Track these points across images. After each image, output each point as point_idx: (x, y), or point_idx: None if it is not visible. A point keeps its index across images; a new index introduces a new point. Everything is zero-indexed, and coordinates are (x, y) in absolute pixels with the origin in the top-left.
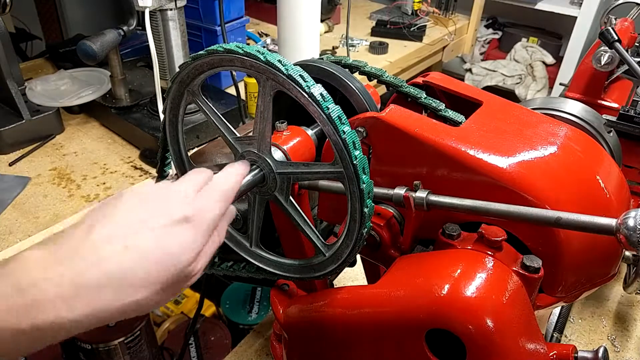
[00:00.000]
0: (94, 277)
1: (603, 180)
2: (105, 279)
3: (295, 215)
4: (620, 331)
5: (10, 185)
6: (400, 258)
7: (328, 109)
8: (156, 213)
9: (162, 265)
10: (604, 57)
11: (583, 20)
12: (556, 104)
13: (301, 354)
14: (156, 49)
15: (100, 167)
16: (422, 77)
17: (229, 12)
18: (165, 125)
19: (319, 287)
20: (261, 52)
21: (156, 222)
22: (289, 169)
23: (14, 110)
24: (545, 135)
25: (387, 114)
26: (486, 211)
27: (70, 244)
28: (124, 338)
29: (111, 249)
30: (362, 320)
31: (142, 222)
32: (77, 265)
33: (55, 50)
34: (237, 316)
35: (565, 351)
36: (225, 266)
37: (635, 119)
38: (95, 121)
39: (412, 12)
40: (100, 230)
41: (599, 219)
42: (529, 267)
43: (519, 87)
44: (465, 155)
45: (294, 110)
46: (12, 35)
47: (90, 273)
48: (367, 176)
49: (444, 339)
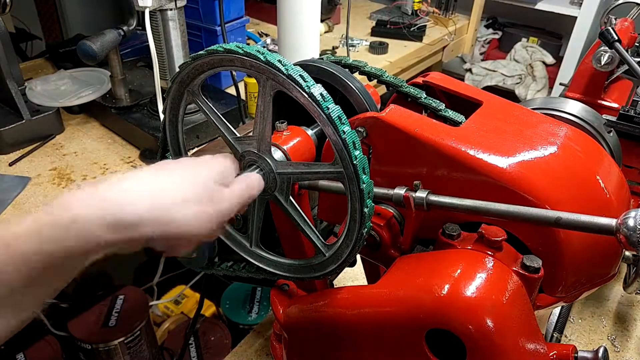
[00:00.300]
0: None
1: (603, 180)
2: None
3: (295, 215)
4: (620, 331)
5: (10, 185)
6: (400, 258)
7: (328, 109)
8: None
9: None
10: (604, 57)
11: (583, 20)
12: (556, 104)
13: (301, 354)
14: (156, 49)
15: (100, 167)
16: (422, 77)
17: (229, 12)
18: (165, 125)
19: (319, 287)
20: (261, 52)
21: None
22: (289, 169)
23: (14, 110)
24: (545, 135)
25: (387, 114)
26: (486, 211)
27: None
28: (124, 338)
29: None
30: (362, 320)
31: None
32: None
33: (55, 50)
34: (237, 316)
35: (565, 351)
36: (225, 266)
37: (635, 119)
38: (95, 121)
39: (412, 12)
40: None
41: (599, 219)
42: (529, 267)
43: (519, 87)
44: (465, 155)
45: (294, 110)
46: (12, 35)
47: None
48: (367, 176)
49: (444, 339)
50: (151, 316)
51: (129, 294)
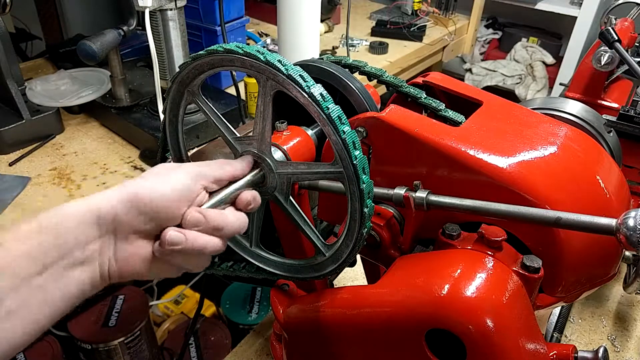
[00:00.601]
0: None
1: (603, 180)
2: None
3: (295, 215)
4: (620, 331)
5: (10, 185)
6: (400, 258)
7: (328, 109)
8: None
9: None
10: (604, 57)
11: (583, 20)
12: (556, 104)
13: (301, 354)
14: (156, 49)
15: (100, 167)
16: (422, 77)
17: (229, 12)
18: (165, 125)
19: (319, 287)
20: (261, 52)
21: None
22: (289, 169)
23: (14, 110)
24: (545, 136)
25: (387, 114)
26: (486, 211)
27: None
28: (124, 338)
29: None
30: (362, 320)
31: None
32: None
33: (55, 50)
34: (237, 316)
35: (565, 351)
36: (225, 266)
37: (635, 119)
38: (95, 121)
39: (412, 12)
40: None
41: (599, 219)
42: (529, 267)
43: (519, 87)
44: (465, 155)
45: (294, 110)
46: (12, 35)
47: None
48: (367, 176)
49: (444, 339)
50: (151, 316)
51: (129, 294)
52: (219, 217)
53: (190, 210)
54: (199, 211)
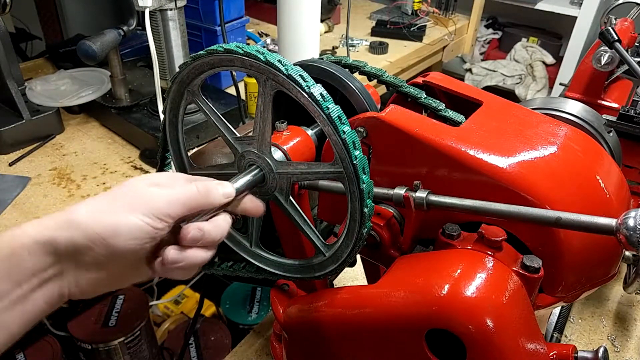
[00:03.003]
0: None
1: (603, 180)
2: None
3: (295, 215)
4: (620, 331)
5: (10, 185)
6: (400, 258)
7: (328, 109)
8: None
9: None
10: (604, 57)
11: (583, 20)
12: (556, 104)
13: (301, 354)
14: (156, 49)
15: (100, 167)
16: (422, 77)
17: (229, 12)
18: (165, 125)
19: (319, 287)
20: (261, 52)
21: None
22: (289, 169)
23: (14, 110)
24: (545, 135)
25: (387, 114)
26: (486, 211)
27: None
28: (124, 338)
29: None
30: (362, 320)
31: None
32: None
33: (55, 50)
34: (237, 316)
35: (565, 351)
36: (225, 266)
37: (635, 119)
38: (95, 121)
39: (412, 12)
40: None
41: (599, 219)
42: (529, 267)
43: (519, 87)
44: (465, 155)
45: (294, 110)
46: (12, 35)
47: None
48: (367, 176)
49: (444, 339)
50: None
51: (128, 294)
52: (215, 230)
53: (189, 227)
54: (197, 227)
